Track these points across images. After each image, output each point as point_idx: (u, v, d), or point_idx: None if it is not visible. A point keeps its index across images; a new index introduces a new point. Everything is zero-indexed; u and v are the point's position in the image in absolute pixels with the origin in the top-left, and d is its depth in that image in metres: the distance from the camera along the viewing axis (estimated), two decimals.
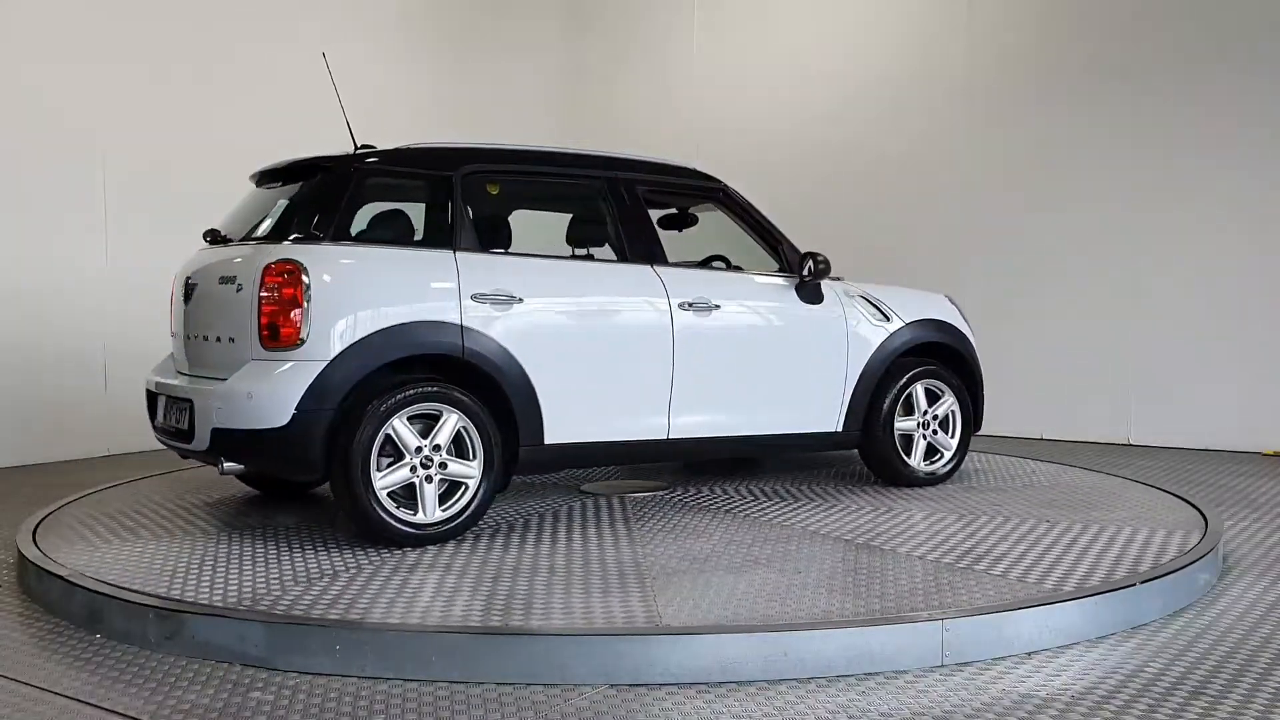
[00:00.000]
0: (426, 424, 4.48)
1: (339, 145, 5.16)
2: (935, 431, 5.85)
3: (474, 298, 4.57)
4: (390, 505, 4.40)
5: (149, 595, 3.82)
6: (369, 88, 9.17)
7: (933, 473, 5.85)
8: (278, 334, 4.32)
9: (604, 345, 4.94)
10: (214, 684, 3.33)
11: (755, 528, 4.82)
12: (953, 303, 6.17)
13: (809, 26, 9.95)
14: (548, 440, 4.73)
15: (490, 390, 4.61)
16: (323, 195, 4.63)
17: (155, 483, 6.10)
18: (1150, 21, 8.27)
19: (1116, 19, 8.41)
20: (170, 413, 4.83)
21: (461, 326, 4.52)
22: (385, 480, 4.39)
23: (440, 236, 4.71)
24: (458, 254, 4.65)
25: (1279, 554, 4.91)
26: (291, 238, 4.51)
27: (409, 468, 4.43)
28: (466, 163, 4.89)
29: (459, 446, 4.54)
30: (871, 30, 9.66)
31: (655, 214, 6.21)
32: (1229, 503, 6.07)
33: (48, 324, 7.67)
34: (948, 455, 5.91)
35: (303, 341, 4.31)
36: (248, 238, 4.78)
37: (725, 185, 5.64)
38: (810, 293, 5.49)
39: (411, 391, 4.42)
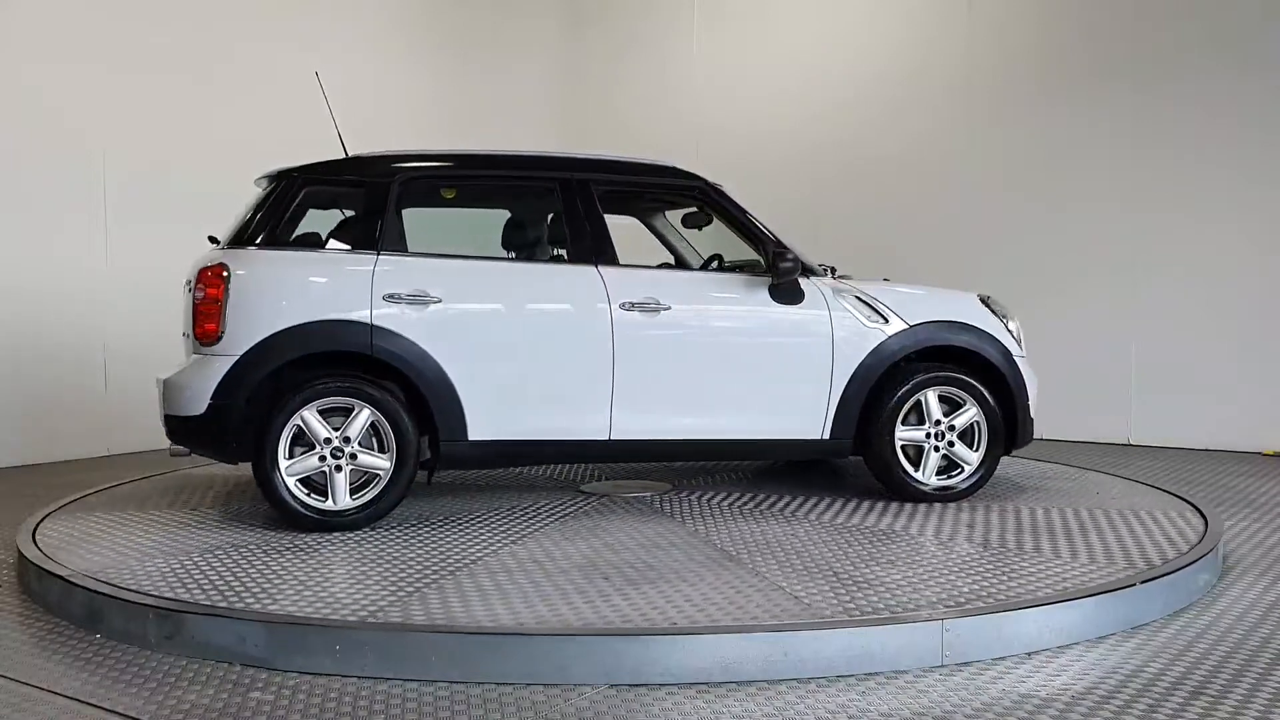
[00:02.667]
0: (346, 417, 4.78)
1: (336, 146, 5.24)
2: (952, 444, 5.33)
3: (387, 298, 4.80)
4: (299, 492, 4.73)
5: (149, 595, 3.82)
6: (368, 88, 9.19)
7: (946, 488, 5.33)
8: (205, 331, 4.78)
9: (531, 345, 5.00)
10: (214, 684, 3.33)
11: (665, 534, 4.66)
12: (987, 304, 5.62)
13: (809, 26, 9.94)
14: (472, 437, 4.90)
15: (409, 387, 4.84)
16: (268, 203, 5.00)
17: (155, 483, 6.10)
18: (1150, 21, 8.26)
19: (1117, 19, 8.40)
20: None
21: (371, 326, 4.76)
22: (295, 468, 4.72)
23: (368, 240, 4.95)
24: (380, 256, 4.88)
25: (1279, 554, 4.91)
26: (229, 243, 4.96)
27: (318, 457, 4.73)
28: (404, 170, 5.10)
29: (378, 439, 4.80)
30: (871, 30, 9.65)
31: (660, 216, 6.25)
32: (1229, 503, 6.06)
33: (47, 324, 7.66)
34: (967, 470, 5.35)
35: (221, 338, 4.73)
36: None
37: (706, 183, 5.38)
38: (785, 292, 5.22)
39: (319, 386, 4.73)
